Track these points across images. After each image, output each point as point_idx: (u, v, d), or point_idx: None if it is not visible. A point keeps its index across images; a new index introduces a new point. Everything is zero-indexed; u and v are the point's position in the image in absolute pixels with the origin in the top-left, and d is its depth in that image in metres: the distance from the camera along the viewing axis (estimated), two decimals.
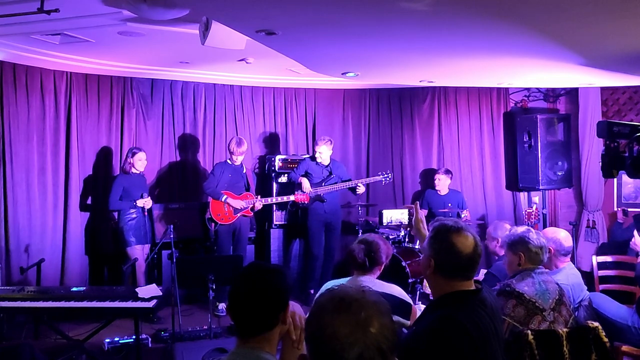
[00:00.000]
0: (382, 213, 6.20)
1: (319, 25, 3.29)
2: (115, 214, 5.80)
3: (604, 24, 3.09)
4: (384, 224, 6.17)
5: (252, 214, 5.84)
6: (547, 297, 2.78)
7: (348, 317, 1.29)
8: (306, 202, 5.84)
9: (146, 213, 5.36)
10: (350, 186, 5.95)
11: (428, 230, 2.73)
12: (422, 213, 2.72)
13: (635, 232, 3.89)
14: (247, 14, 3.06)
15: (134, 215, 5.33)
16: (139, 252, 5.30)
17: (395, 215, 6.20)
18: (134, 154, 5.41)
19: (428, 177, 6.88)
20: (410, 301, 3.02)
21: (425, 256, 2.10)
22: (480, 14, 2.92)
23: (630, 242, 3.96)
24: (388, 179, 6.13)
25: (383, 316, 1.31)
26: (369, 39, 3.63)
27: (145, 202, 5.32)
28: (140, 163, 5.43)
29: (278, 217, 6.43)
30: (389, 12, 2.94)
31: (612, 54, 3.87)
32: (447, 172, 6.47)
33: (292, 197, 5.84)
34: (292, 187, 6.08)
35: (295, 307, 1.85)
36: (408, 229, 5.94)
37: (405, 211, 6.14)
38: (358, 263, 2.93)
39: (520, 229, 3.10)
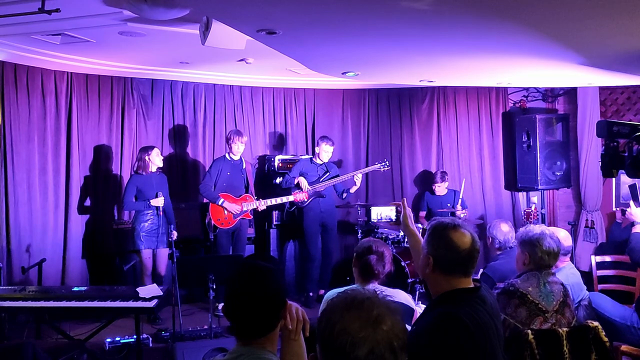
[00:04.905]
0: (370, 210, 6.22)
1: (320, 24, 3.31)
2: (126, 215, 5.82)
3: (606, 23, 3.10)
4: (373, 221, 6.19)
5: (252, 216, 5.81)
6: (551, 299, 2.78)
7: (359, 314, 1.29)
8: (306, 199, 5.82)
9: (161, 213, 5.26)
10: (349, 178, 5.93)
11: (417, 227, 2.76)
12: (410, 210, 2.74)
13: (631, 202, 3.88)
14: (248, 13, 3.07)
15: (147, 218, 5.25)
16: (147, 256, 5.27)
17: (384, 212, 6.22)
18: (149, 152, 5.35)
19: (426, 178, 6.88)
20: (414, 306, 3.04)
21: (423, 256, 2.11)
22: (481, 13, 2.93)
23: (626, 212, 3.95)
24: (386, 166, 6.10)
25: (394, 314, 1.32)
26: (370, 39, 3.64)
27: (158, 201, 5.23)
28: (158, 159, 5.37)
29: (276, 217, 6.43)
30: (390, 12, 2.95)
31: (613, 53, 3.89)
32: (443, 177, 6.40)
33: (290, 198, 5.78)
34: (289, 188, 6.05)
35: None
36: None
37: (394, 208, 6.15)
38: (374, 274, 2.95)
39: (537, 229, 3.03)
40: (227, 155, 5.70)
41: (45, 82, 5.54)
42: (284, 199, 5.82)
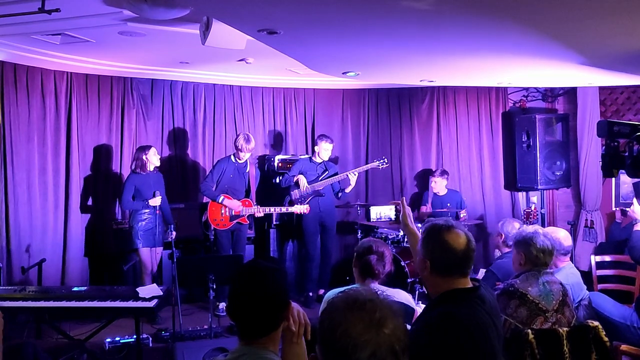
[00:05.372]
0: (369, 209, 6.21)
1: (321, 24, 3.31)
2: (126, 213, 5.84)
3: (606, 23, 3.10)
4: (372, 220, 6.19)
5: (248, 222, 5.80)
6: (550, 299, 2.79)
7: (362, 315, 1.29)
8: (307, 212, 5.75)
9: (159, 212, 5.25)
10: (347, 176, 5.90)
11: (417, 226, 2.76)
12: (409, 209, 2.74)
13: (635, 200, 3.88)
14: (249, 13, 3.07)
15: (144, 217, 5.26)
16: (146, 254, 5.27)
17: (383, 212, 6.23)
18: (147, 151, 5.34)
19: (425, 178, 6.88)
20: (414, 306, 3.03)
21: (419, 258, 2.11)
22: (482, 13, 2.93)
23: (628, 211, 3.95)
24: (384, 163, 6.07)
25: (396, 317, 1.31)
26: (370, 39, 3.65)
27: (156, 201, 5.23)
28: (155, 158, 5.37)
29: (276, 217, 6.42)
30: (390, 12, 2.95)
31: (613, 53, 3.89)
32: (443, 173, 6.42)
33: (291, 209, 5.74)
34: (289, 187, 6.05)
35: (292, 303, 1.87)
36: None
37: (394, 207, 6.15)
38: (374, 274, 2.95)
39: (530, 229, 3.07)
40: (232, 157, 5.70)
41: (45, 82, 5.53)
42: (283, 209, 5.79)
